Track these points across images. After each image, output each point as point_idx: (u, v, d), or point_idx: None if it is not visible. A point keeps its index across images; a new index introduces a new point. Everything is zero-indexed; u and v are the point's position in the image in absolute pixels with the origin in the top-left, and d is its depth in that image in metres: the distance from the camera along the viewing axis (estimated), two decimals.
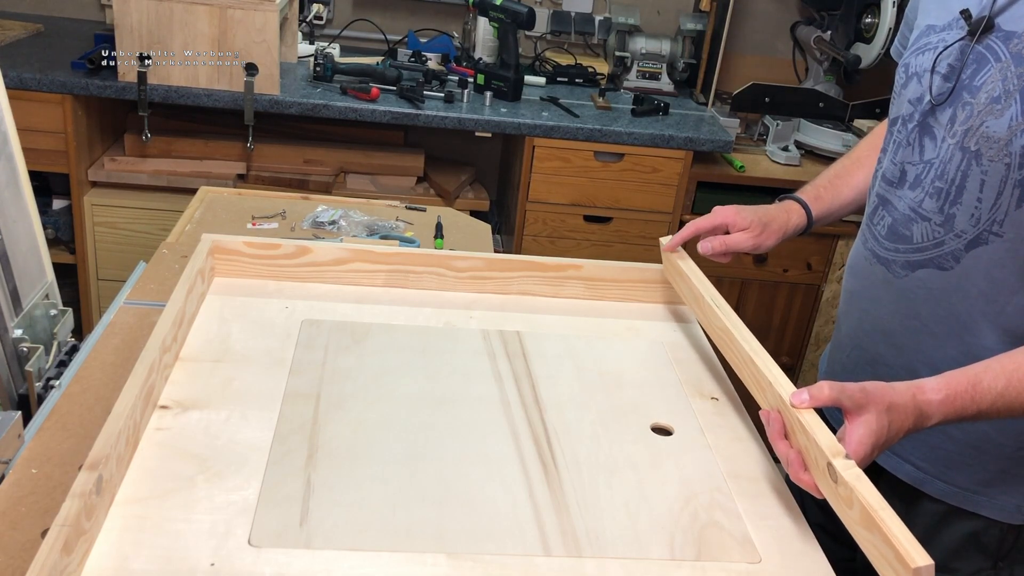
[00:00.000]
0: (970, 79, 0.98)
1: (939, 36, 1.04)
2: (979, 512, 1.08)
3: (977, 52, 0.98)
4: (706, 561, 0.81)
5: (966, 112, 0.98)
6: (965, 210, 0.99)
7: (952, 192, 1.00)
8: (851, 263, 1.20)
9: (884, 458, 1.13)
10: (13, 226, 1.17)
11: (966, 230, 1.00)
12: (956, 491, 1.08)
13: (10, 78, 2.18)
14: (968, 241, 1.00)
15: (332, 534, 0.78)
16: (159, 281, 1.25)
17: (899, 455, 1.12)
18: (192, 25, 2.23)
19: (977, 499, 1.08)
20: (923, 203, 1.04)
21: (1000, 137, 0.94)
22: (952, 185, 1.00)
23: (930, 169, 1.03)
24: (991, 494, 1.07)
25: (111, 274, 2.48)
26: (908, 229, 1.06)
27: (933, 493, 1.10)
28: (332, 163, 2.56)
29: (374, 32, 2.91)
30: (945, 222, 1.01)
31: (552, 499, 0.86)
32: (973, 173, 0.98)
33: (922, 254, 1.04)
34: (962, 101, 0.99)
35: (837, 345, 1.25)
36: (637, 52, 2.82)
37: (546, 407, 1.01)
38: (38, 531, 0.78)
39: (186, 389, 0.96)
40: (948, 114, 1.01)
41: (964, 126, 0.98)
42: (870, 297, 1.12)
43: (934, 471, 1.09)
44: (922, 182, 1.04)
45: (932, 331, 1.06)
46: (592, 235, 2.55)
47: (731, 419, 1.03)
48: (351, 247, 1.21)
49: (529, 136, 2.41)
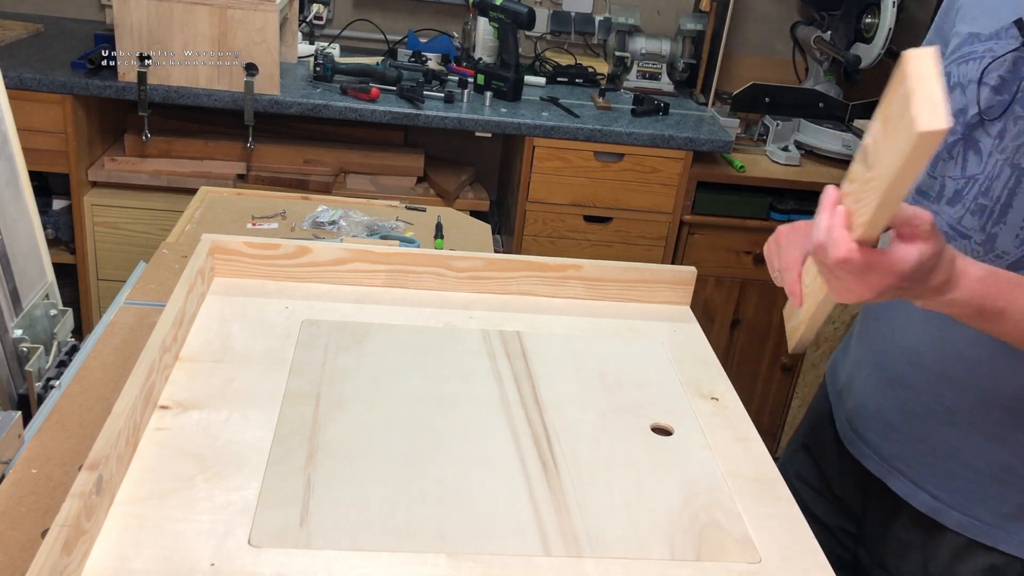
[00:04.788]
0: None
1: (986, 45, 0.98)
2: (998, 547, 1.04)
3: None
4: (706, 561, 0.81)
5: (1019, 127, 0.94)
6: (1009, 230, 0.95)
7: (997, 210, 0.96)
8: None
9: (899, 485, 1.10)
10: (13, 226, 1.17)
11: (1008, 251, 0.95)
12: (975, 524, 1.05)
13: (10, 78, 2.18)
14: (1010, 264, 0.96)
15: (332, 534, 0.78)
16: (159, 281, 1.25)
17: (915, 482, 1.08)
18: (192, 25, 2.23)
19: (996, 533, 1.04)
20: (963, 220, 0.99)
21: None
22: (997, 203, 0.96)
23: (973, 185, 0.98)
24: (1012, 529, 1.03)
25: (111, 274, 2.48)
26: None
27: (951, 525, 1.06)
28: (332, 163, 2.56)
29: (374, 32, 2.91)
30: (986, 241, 0.97)
31: (552, 499, 0.86)
32: (1022, 191, 0.93)
33: None
34: (1015, 115, 0.94)
35: (856, 362, 1.20)
36: (637, 52, 2.82)
37: (546, 407, 1.01)
38: (38, 531, 0.78)
39: (186, 389, 0.96)
40: (998, 128, 0.96)
41: (1016, 141, 0.94)
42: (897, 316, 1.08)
43: (952, 501, 1.06)
44: (963, 198, 0.99)
45: (963, 354, 1.02)
46: (592, 235, 2.55)
47: (731, 419, 1.03)
48: (351, 247, 1.21)
49: (529, 136, 2.41)
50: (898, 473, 1.11)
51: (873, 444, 1.14)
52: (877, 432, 1.12)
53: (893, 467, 1.11)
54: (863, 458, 1.15)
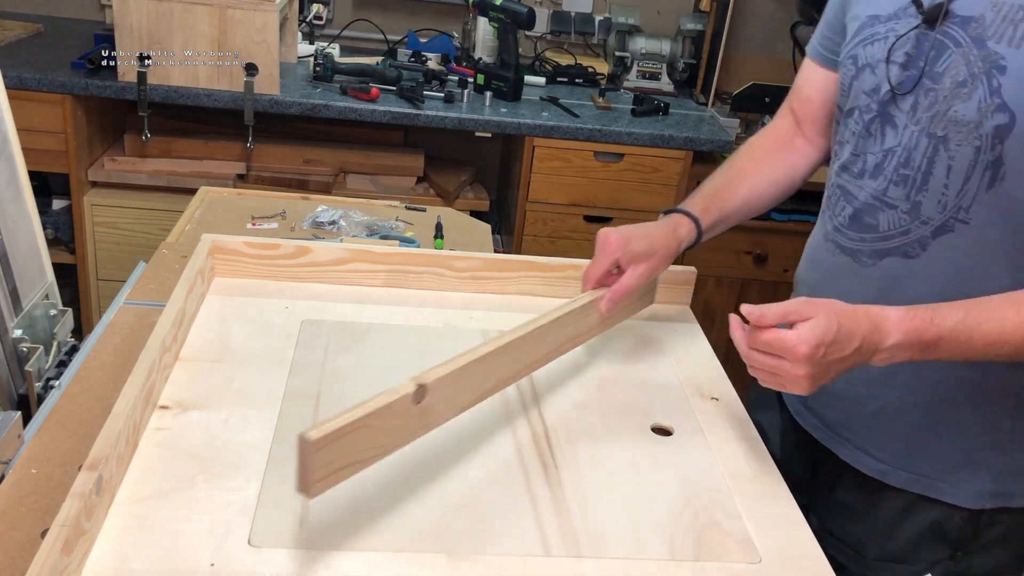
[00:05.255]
0: (931, 66, 0.99)
1: (887, 26, 1.04)
2: (942, 499, 1.08)
3: (935, 39, 0.99)
4: (706, 561, 0.81)
5: (930, 99, 0.99)
6: (932, 196, 1.00)
7: (919, 179, 1.01)
8: (810, 255, 1.20)
9: (846, 451, 1.13)
10: (13, 226, 1.17)
11: (932, 217, 1.00)
12: (921, 480, 1.09)
13: (10, 78, 2.18)
14: (935, 228, 1.01)
15: (332, 534, 0.79)
16: (159, 281, 1.25)
17: (859, 447, 1.12)
18: (192, 25, 2.23)
19: (941, 486, 1.08)
20: (888, 191, 1.04)
21: (969, 120, 0.95)
22: (918, 172, 1.01)
23: (892, 157, 1.03)
24: (955, 480, 1.07)
25: (111, 274, 2.48)
26: (874, 218, 1.06)
27: (898, 484, 1.10)
28: (332, 163, 2.56)
29: (374, 32, 2.91)
30: (911, 210, 1.02)
31: (552, 499, 0.86)
32: (940, 159, 0.98)
33: (888, 242, 1.05)
34: (925, 88, 0.99)
35: None
36: (637, 52, 2.82)
37: (546, 407, 1.01)
38: (38, 531, 0.78)
39: (186, 389, 0.96)
40: (910, 102, 1.01)
41: (929, 112, 0.99)
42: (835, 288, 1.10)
43: (895, 462, 1.10)
44: (884, 170, 1.04)
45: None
46: (592, 235, 2.53)
47: (731, 419, 1.03)
48: (351, 247, 1.21)
49: (529, 136, 2.41)
50: (843, 440, 1.14)
51: (819, 413, 1.17)
52: (821, 401, 1.15)
53: (838, 434, 1.14)
54: (811, 428, 1.18)
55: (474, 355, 0.87)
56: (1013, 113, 0.92)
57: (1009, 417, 1.05)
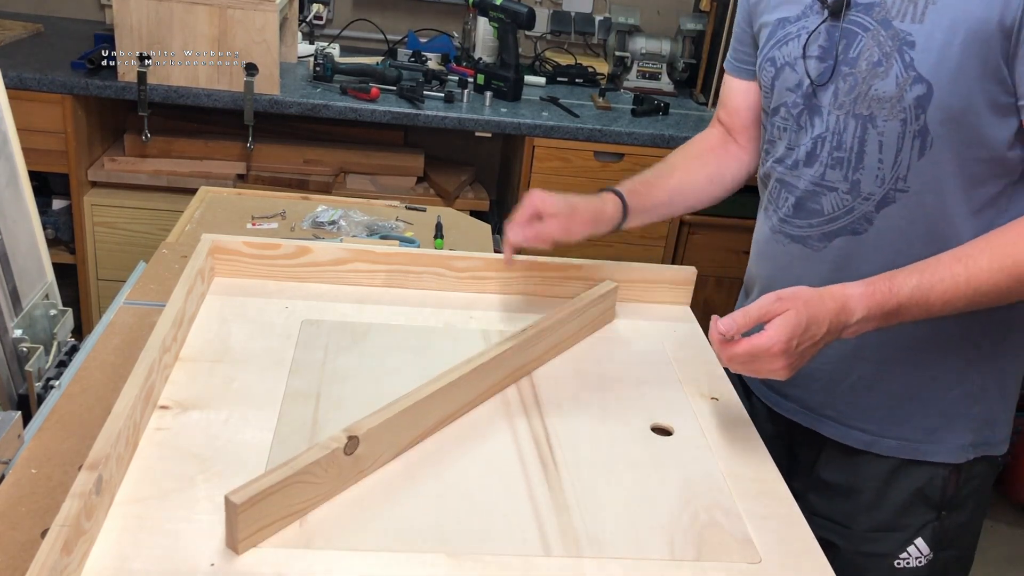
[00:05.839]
0: (844, 53, 1.04)
1: (797, 25, 1.10)
2: (927, 459, 1.11)
3: (844, 29, 1.04)
4: (706, 561, 0.81)
5: (848, 83, 1.04)
6: (869, 173, 1.05)
7: (853, 159, 1.06)
8: (759, 251, 1.24)
9: (830, 429, 1.16)
10: (13, 226, 1.17)
11: (873, 192, 1.05)
12: (906, 444, 1.12)
13: (10, 78, 2.18)
14: (877, 202, 1.05)
15: (332, 534, 0.79)
16: (159, 281, 1.25)
17: (843, 422, 1.15)
18: (192, 25, 2.23)
19: (926, 447, 1.12)
20: (825, 175, 1.08)
21: (891, 95, 1.00)
22: (851, 152, 1.05)
23: (824, 143, 1.08)
24: (937, 439, 1.11)
25: (111, 274, 2.48)
26: (817, 203, 1.10)
27: (884, 452, 1.13)
28: (332, 163, 2.56)
29: (374, 32, 2.91)
30: (852, 189, 1.06)
31: (552, 499, 0.86)
32: (870, 136, 1.03)
33: (835, 223, 1.09)
34: (842, 75, 1.04)
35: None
36: (637, 52, 2.82)
37: (546, 407, 1.01)
38: (38, 531, 0.78)
39: (186, 389, 0.96)
40: (831, 90, 1.06)
41: (851, 95, 1.04)
42: (790, 276, 1.13)
43: (879, 430, 1.13)
44: (818, 156, 1.09)
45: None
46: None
47: (731, 419, 1.03)
48: (351, 247, 1.21)
49: (529, 136, 2.41)
50: (826, 418, 1.16)
51: (797, 398, 1.19)
52: (798, 385, 1.16)
53: (821, 414, 1.17)
54: (790, 414, 1.20)
55: (409, 400, 0.89)
56: (929, 83, 0.97)
57: (976, 369, 1.09)
